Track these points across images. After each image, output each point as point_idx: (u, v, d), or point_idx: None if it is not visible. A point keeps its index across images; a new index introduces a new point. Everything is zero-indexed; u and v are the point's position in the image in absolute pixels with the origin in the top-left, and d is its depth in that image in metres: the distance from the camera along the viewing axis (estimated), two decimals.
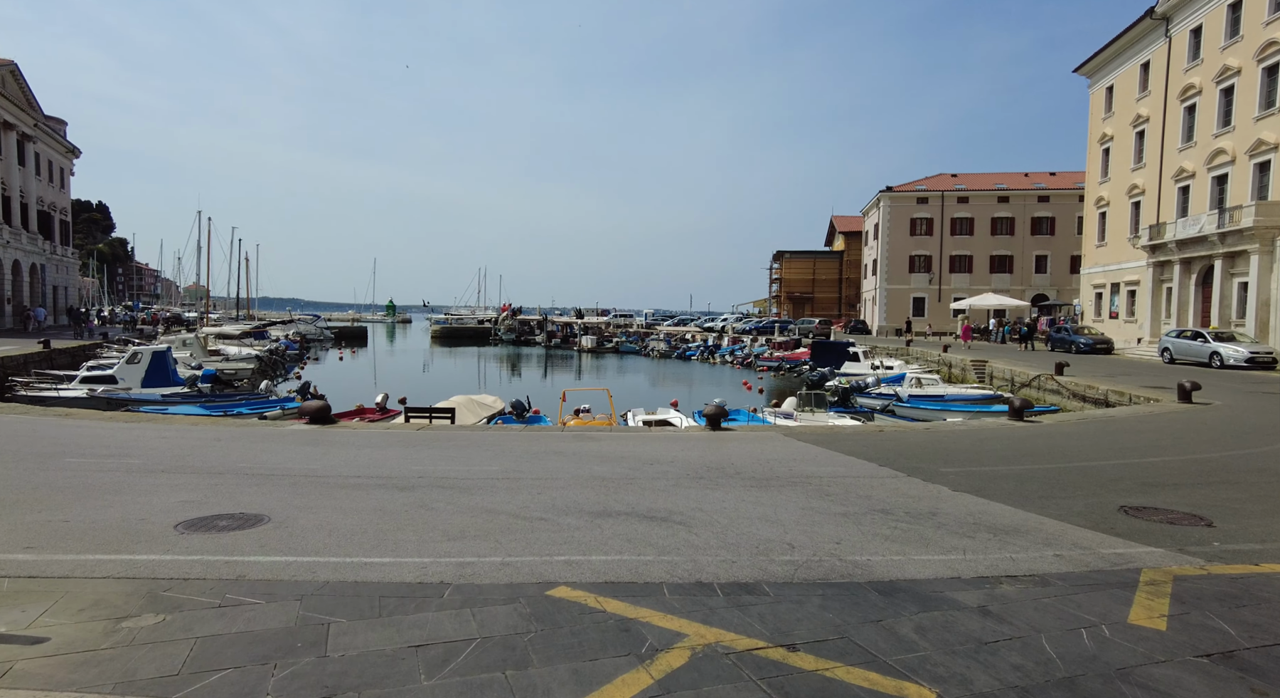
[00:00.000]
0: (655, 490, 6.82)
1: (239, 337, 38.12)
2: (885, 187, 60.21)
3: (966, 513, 6.10)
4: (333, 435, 10.14)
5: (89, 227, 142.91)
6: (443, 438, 10.11)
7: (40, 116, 48.29)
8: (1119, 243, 37.81)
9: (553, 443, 9.70)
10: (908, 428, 11.71)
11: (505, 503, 6.24)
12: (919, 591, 4.22)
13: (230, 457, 8.32)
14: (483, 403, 18.44)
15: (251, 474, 7.32)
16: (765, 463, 8.36)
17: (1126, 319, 37.09)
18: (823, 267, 76.93)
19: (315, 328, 70.68)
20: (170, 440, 9.41)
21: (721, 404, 11.65)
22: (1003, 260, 59.03)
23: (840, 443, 9.95)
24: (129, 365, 21.55)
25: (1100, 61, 39.39)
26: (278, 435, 10.05)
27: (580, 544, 5.00)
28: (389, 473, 7.51)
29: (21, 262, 44.31)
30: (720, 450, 9.21)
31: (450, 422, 13.14)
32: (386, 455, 8.60)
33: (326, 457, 8.43)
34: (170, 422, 11.26)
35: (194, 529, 5.25)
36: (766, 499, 6.51)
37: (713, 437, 10.43)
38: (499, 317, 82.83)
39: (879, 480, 7.47)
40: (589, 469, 7.89)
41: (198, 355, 32.18)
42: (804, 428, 12.01)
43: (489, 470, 7.74)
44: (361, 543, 4.97)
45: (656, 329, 65.99)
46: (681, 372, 43.94)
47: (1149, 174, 34.58)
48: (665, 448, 9.36)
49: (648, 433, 10.77)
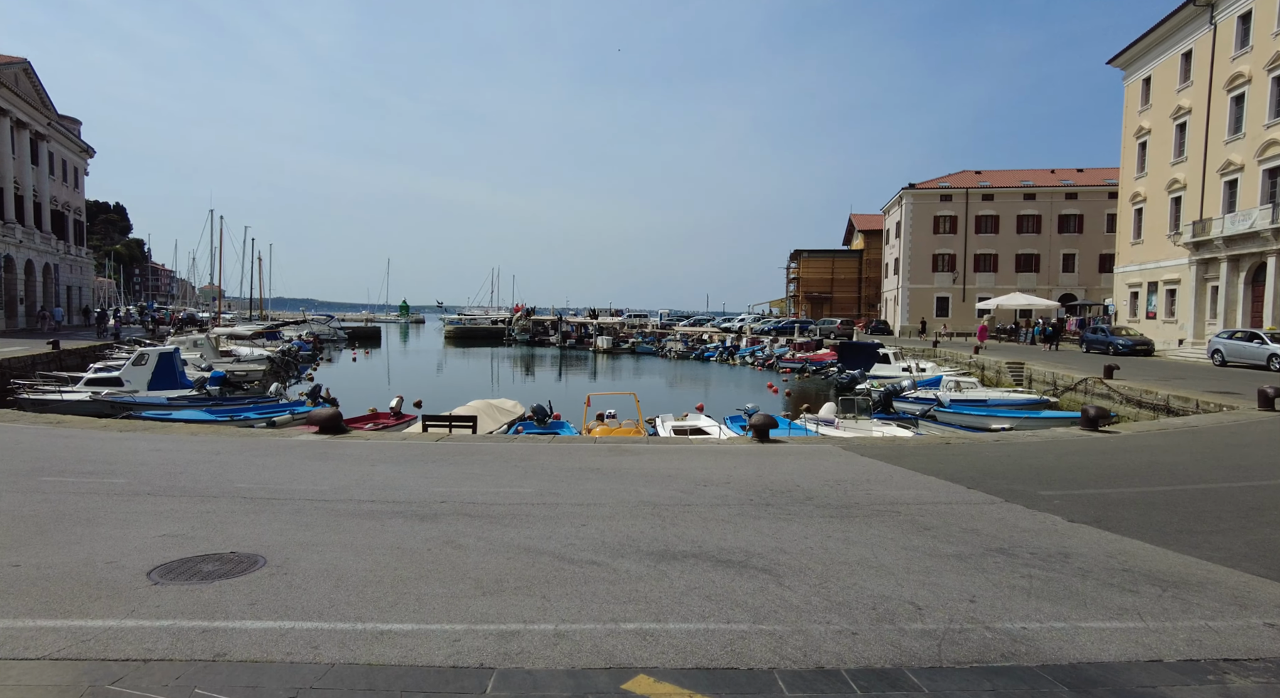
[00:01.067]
0: (719, 522, 5.79)
1: (250, 337, 37.46)
2: (907, 184, 58.85)
3: (1105, 554, 5.01)
4: (344, 448, 9.19)
5: (106, 227, 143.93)
6: (465, 451, 9.12)
7: (54, 116, 47.94)
8: (1157, 240, 36.32)
9: (588, 458, 8.68)
10: (976, 440, 10.60)
11: (546, 538, 5.22)
12: (1119, 682, 3.16)
13: (228, 475, 7.37)
14: (502, 408, 17.47)
15: (250, 498, 6.35)
16: (835, 485, 7.30)
17: (1166, 319, 35.59)
18: (841, 266, 75.54)
19: (329, 328, 70.17)
20: (164, 454, 8.48)
21: (769, 414, 10.60)
22: (1029, 259, 57.45)
23: (909, 459, 8.86)
24: (135, 367, 20.78)
25: (1136, 52, 37.91)
26: (284, 448, 9.10)
27: (650, 604, 3.98)
28: (407, 496, 6.53)
29: (35, 261, 43.93)
30: (777, 468, 8.16)
31: (472, 431, 12.18)
32: (404, 473, 7.62)
33: (336, 475, 7.46)
34: (168, 431, 10.35)
35: (172, 577, 4.27)
36: (856, 535, 5.46)
37: (762, 451, 9.38)
38: (512, 317, 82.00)
39: (976, 508, 6.40)
40: (635, 492, 6.87)
41: (208, 356, 31.49)
42: (859, 440, 10.92)
43: (521, 493, 6.74)
44: (376, 599, 3.98)
45: (673, 329, 64.88)
46: (701, 373, 42.81)
47: (1191, 168, 33.12)
48: (714, 465, 8.32)
49: (689, 446, 9.74)
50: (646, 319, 78.36)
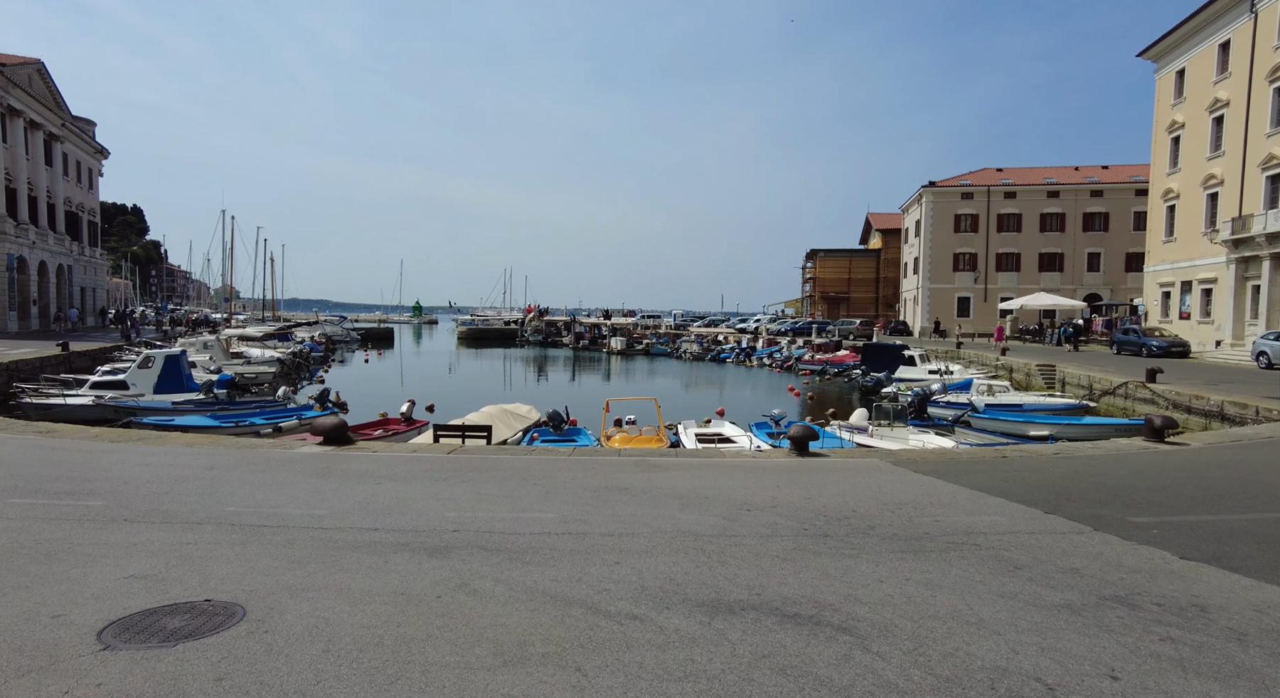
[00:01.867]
0: (775, 559, 4.99)
1: (261, 339, 37.02)
2: (927, 182, 57.67)
3: (1252, 608, 4.17)
4: (348, 462, 8.47)
5: (124, 229, 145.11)
6: (479, 466, 8.37)
7: (68, 116, 47.86)
8: (1191, 238, 35.07)
9: (613, 474, 7.91)
10: (1034, 453, 9.73)
11: (575, 581, 4.45)
12: None
13: (218, 495, 6.66)
14: (516, 414, 16.73)
15: (239, 525, 5.63)
16: (895, 510, 6.48)
17: (1201, 320, 34.33)
18: (859, 265, 74.36)
19: (341, 329, 69.92)
20: (153, 470, 7.79)
21: (808, 425, 9.78)
22: (1052, 258, 56.14)
23: (967, 476, 8.01)
24: (141, 370, 20.28)
25: (1169, 44, 36.66)
26: (283, 462, 8.40)
27: (712, 681, 3.19)
28: (415, 523, 5.78)
29: (48, 262, 43.80)
30: (826, 488, 7.35)
31: (486, 441, 11.44)
32: (412, 494, 6.88)
33: (338, 496, 6.73)
34: (162, 441, 9.68)
35: (128, 638, 3.53)
36: (938, 576, 4.64)
37: (804, 466, 8.56)
38: (525, 318, 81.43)
39: (1065, 540, 5.55)
40: (671, 518, 6.08)
41: (218, 358, 31.03)
42: (907, 453, 10.06)
43: (543, 519, 5.97)
44: (373, 671, 3.22)
45: (688, 330, 64.00)
46: (717, 375, 41.93)
47: (1229, 163, 31.87)
48: (755, 484, 7.52)
49: (723, 461, 8.94)
50: (660, 320, 77.56)
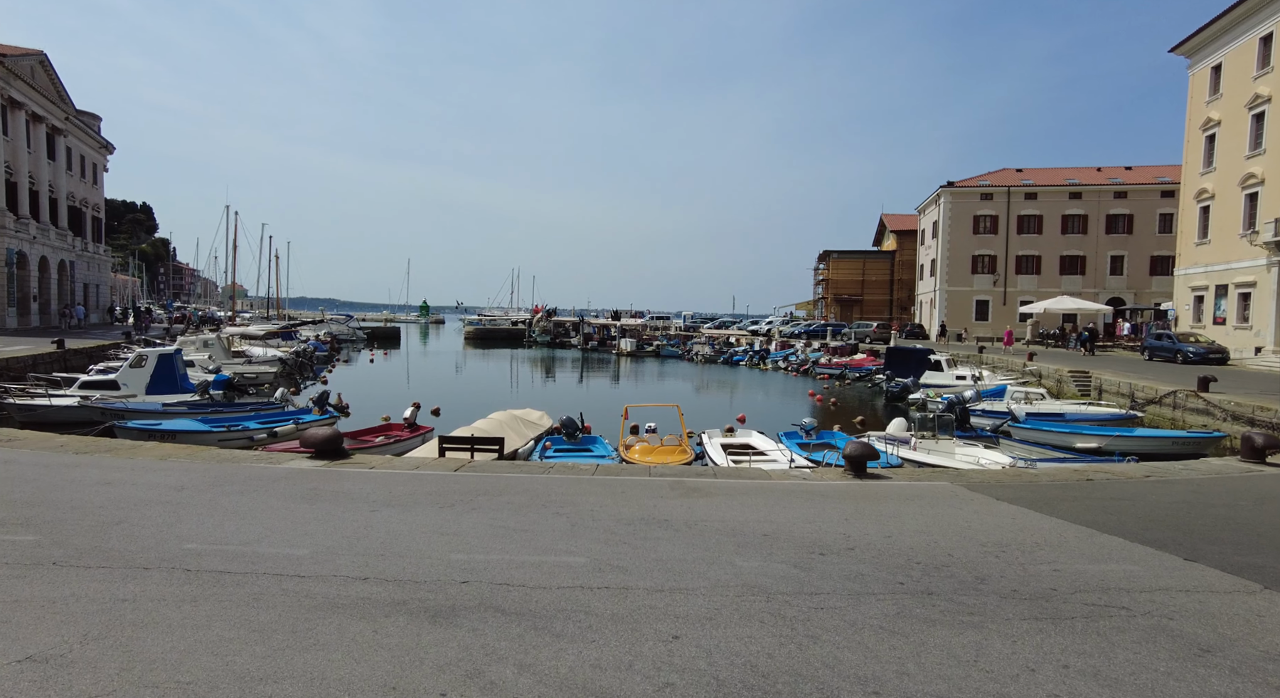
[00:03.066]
0: (878, 630, 3.85)
1: (264, 337, 36.07)
2: (946, 182, 56.34)
3: None
4: (341, 481, 7.37)
5: (133, 227, 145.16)
6: (491, 488, 7.26)
7: (71, 110, 47.11)
8: (1227, 239, 33.69)
9: (647, 501, 6.78)
10: (1121, 475, 8.55)
11: (626, 671, 3.32)
12: None
13: (181, 526, 5.56)
14: (527, 421, 15.62)
15: (195, 571, 4.53)
16: (998, 552, 5.33)
17: (1238, 325, 32.94)
18: (872, 267, 73.01)
19: (347, 328, 69.06)
20: (113, 489, 6.71)
21: (866, 441, 8.64)
22: (1074, 261, 54.72)
23: (1060, 505, 6.85)
24: (133, 370, 19.28)
25: (1205, 38, 35.29)
26: (265, 481, 7.31)
27: None
28: (414, 569, 4.66)
29: (50, 258, 42.99)
30: (902, 520, 6.20)
31: (497, 455, 10.30)
32: (412, 524, 5.77)
33: (325, 527, 5.63)
34: (135, 453, 8.61)
35: None
36: (1105, 663, 3.49)
37: (865, 491, 7.41)
38: (533, 318, 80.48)
39: (1237, 603, 4.39)
40: (730, 565, 4.94)
41: (218, 357, 30.06)
42: (977, 475, 8.86)
43: (573, 565, 4.84)
44: None
45: (700, 332, 62.80)
46: (731, 379, 40.73)
47: (1270, 161, 30.52)
48: (816, 515, 6.38)
49: (768, 482, 7.80)
50: (669, 321, 76.45)
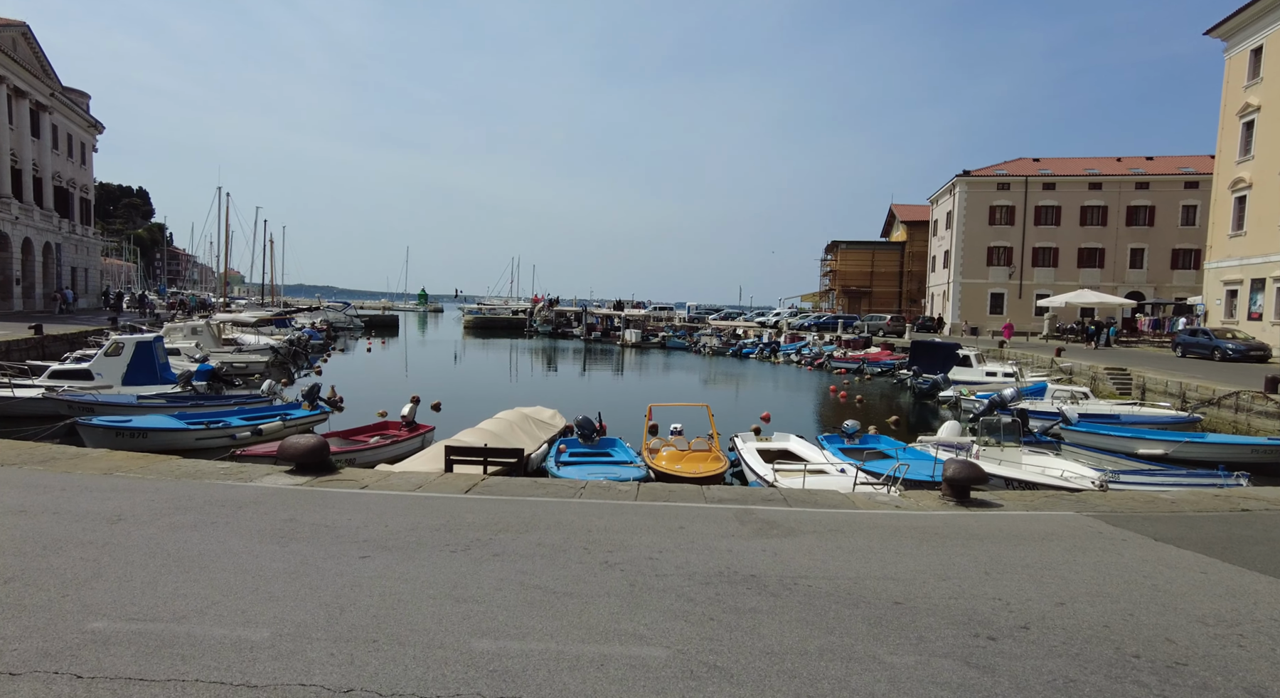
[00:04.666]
0: None
1: (255, 324, 34.48)
2: (962, 170, 54.68)
3: None
4: (323, 509, 5.89)
5: (129, 212, 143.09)
6: (513, 521, 5.77)
7: (57, 86, 45.23)
8: (1266, 230, 32.15)
9: (718, 542, 5.29)
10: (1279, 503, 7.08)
11: None
12: None
13: (97, 585, 4.08)
14: (539, 420, 14.12)
15: (91, 676, 3.04)
16: (1224, 632, 3.87)
17: (1275, 321, 31.49)
18: (882, 258, 71.39)
19: (344, 315, 67.42)
20: (27, 522, 5.22)
21: (970, 461, 7.17)
22: (1092, 253, 53.14)
23: (1247, 552, 5.38)
24: (108, 359, 17.76)
25: (1243, 20, 33.60)
26: (229, 507, 5.82)
27: None
28: (420, 672, 3.18)
29: (34, 240, 41.31)
30: (1057, 574, 4.73)
31: (515, 466, 8.74)
32: (415, 581, 4.28)
33: (296, 588, 4.14)
34: (76, 465, 7.12)
35: None
36: None
37: (984, 525, 5.94)
38: (533, 308, 78.90)
39: None
40: (874, 661, 3.48)
41: (207, 345, 28.52)
42: (1101, 501, 7.34)
43: (648, 660, 3.36)
44: None
45: (707, 323, 61.22)
46: (742, 372, 39.20)
47: None
48: (943, 565, 4.91)
49: (855, 512, 6.34)
50: (672, 312, 74.89)
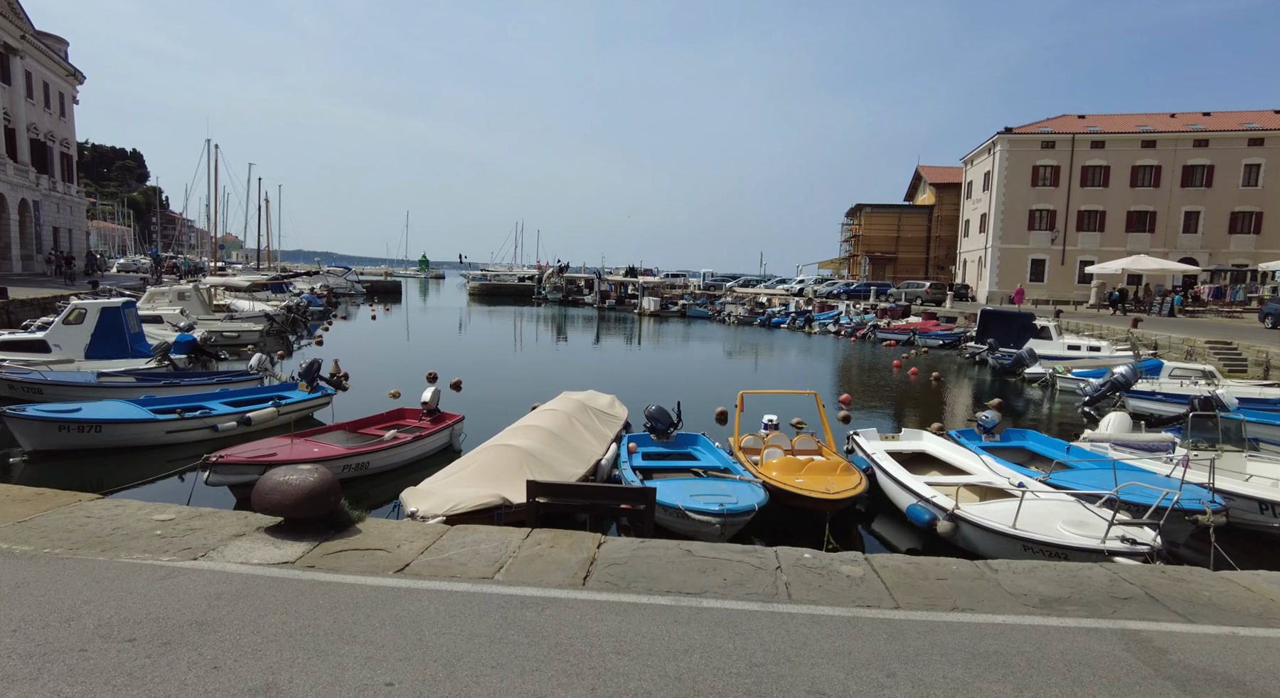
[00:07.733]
0: None
1: (249, 289, 31.53)
2: (1004, 127, 50.98)
3: None
4: (336, 637, 3.07)
5: (124, 174, 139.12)
6: (711, 682, 2.94)
7: (29, 29, 41.47)
8: None
9: None
10: None
11: None
12: None
13: None
14: (597, 410, 11.29)
15: None
16: None
17: None
18: (908, 223, 67.85)
19: (345, 281, 64.43)
20: None
21: None
22: (1142, 217, 49.74)
23: None
24: (68, 327, 14.94)
25: None
26: (147, 652, 3.00)
27: None
28: None
29: (8, 196, 38.08)
30: None
31: (637, 523, 5.69)
32: None
33: None
34: None
35: None
36: None
37: None
38: (541, 274, 75.72)
39: None
40: None
41: (195, 311, 25.64)
42: None
43: None
44: None
45: (729, 290, 58.10)
46: (776, 344, 36.24)
47: None
48: None
49: None
50: (686, 279, 71.77)
